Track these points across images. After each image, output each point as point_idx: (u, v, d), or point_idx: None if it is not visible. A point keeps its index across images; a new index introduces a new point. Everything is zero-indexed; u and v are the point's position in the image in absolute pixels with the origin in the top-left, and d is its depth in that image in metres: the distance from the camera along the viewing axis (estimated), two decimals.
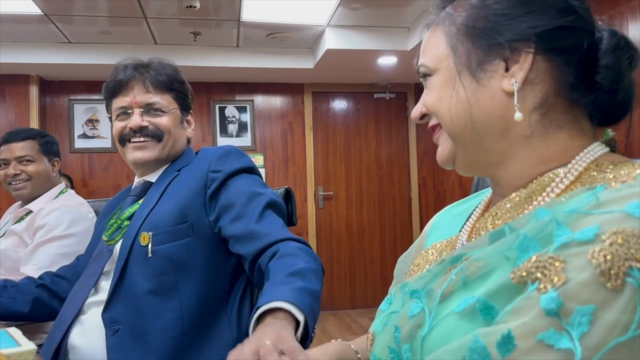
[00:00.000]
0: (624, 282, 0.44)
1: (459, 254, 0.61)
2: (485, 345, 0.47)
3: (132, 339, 1.08)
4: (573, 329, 0.44)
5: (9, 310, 1.25)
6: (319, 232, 5.05)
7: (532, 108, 0.61)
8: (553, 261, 0.48)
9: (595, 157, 0.61)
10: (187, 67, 4.37)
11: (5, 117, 4.43)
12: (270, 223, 1.11)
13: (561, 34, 0.59)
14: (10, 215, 1.98)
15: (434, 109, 0.67)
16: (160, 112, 1.26)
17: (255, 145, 4.96)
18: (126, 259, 1.14)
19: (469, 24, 0.63)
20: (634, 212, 0.47)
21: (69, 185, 4.26)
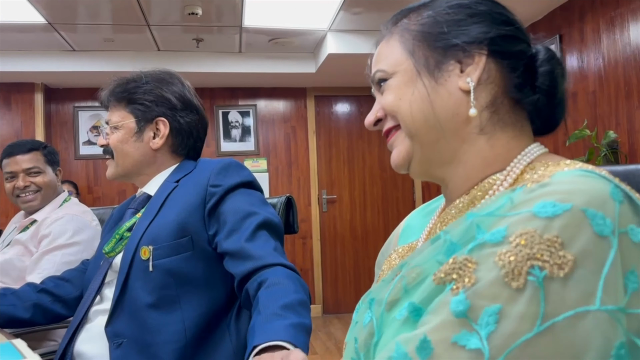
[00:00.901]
0: (526, 280, 0.47)
1: (404, 262, 0.64)
2: (407, 352, 0.50)
3: (136, 352, 1.10)
4: (481, 328, 0.47)
5: (10, 317, 1.27)
6: (323, 235, 5.06)
7: (484, 106, 0.65)
8: (467, 262, 0.51)
9: (532, 159, 0.64)
10: (190, 73, 4.41)
11: (11, 124, 4.47)
12: (262, 244, 1.10)
13: (508, 41, 0.66)
14: (14, 225, 2.00)
15: (394, 107, 0.69)
16: (113, 128, 1.28)
17: (258, 150, 4.98)
18: (127, 273, 1.14)
19: (424, 30, 0.68)
20: (539, 212, 0.49)
21: (74, 192, 4.32)
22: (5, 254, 1.83)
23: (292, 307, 0.93)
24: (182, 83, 1.34)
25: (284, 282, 1.00)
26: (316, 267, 4.99)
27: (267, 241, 1.12)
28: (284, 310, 0.91)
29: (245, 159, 4.94)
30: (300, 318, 0.90)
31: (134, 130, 1.28)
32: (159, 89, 1.29)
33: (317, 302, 4.97)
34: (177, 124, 1.30)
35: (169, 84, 1.31)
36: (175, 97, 1.29)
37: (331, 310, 4.97)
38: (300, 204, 5.02)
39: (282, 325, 0.87)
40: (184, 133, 1.31)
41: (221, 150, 4.92)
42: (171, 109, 1.29)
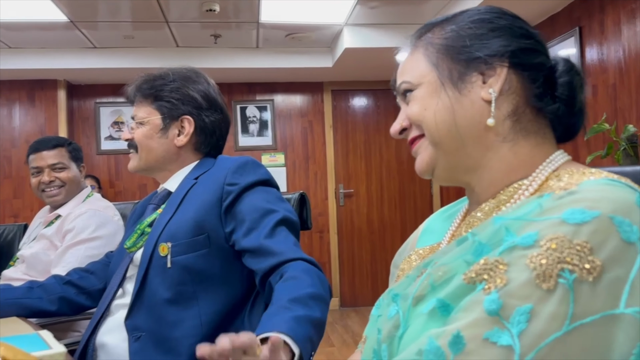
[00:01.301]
0: (556, 282, 0.50)
1: (430, 260, 0.67)
2: (439, 345, 0.52)
3: (154, 346, 1.13)
4: (513, 326, 0.50)
5: (37, 309, 1.32)
6: (340, 229, 5.09)
7: (506, 115, 0.68)
8: (498, 264, 0.54)
9: (556, 167, 0.67)
10: (208, 69, 4.43)
11: (35, 120, 4.58)
12: (282, 240, 1.12)
13: (529, 54, 0.69)
14: (39, 220, 2.06)
15: (419, 117, 0.72)
16: (139, 124, 1.31)
17: (276, 144, 5.02)
18: (146, 269, 1.18)
19: (448, 44, 0.71)
20: (569, 218, 0.52)
21: (96, 186, 4.42)
22: (32, 248, 1.90)
23: (301, 300, 0.93)
24: (207, 82, 1.36)
25: (301, 276, 1.02)
26: (333, 260, 5.02)
27: (287, 237, 1.13)
28: (291, 303, 0.92)
29: (262, 154, 4.99)
30: (308, 311, 0.90)
31: (159, 127, 1.30)
32: (185, 87, 1.31)
33: (335, 295, 5.01)
34: (202, 123, 1.32)
35: (195, 83, 1.33)
36: (201, 96, 1.32)
37: (348, 303, 5.01)
38: (317, 198, 5.06)
39: (284, 318, 0.87)
40: (208, 132, 1.34)
41: (239, 145, 4.97)
42: (197, 107, 1.31)
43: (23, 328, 1.10)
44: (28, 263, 1.86)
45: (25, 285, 1.34)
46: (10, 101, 4.55)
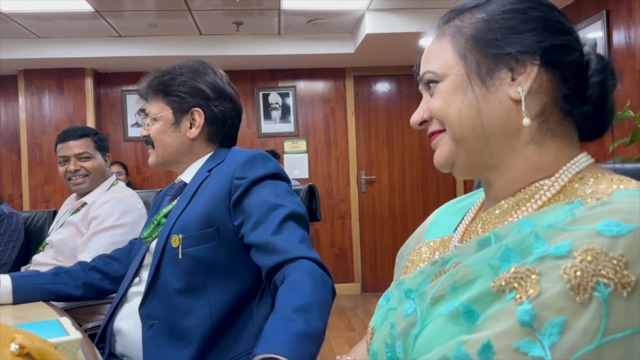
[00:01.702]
0: (591, 296, 0.49)
1: (449, 258, 0.66)
2: (468, 353, 0.52)
3: (166, 334, 1.17)
4: (545, 338, 0.49)
5: (63, 294, 1.39)
6: (362, 215, 5.11)
7: (533, 116, 0.66)
8: (530, 273, 0.53)
9: (580, 169, 0.66)
10: (230, 56, 4.50)
11: (64, 108, 4.71)
12: (288, 237, 1.12)
13: (562, 51, 0.65)
14: (67, 207, 2.15)
15: (442, 113, 0.69)
16: (153, 120, 1.35)
17: (298, 131, 5.05)
18: (159, 259, 1.22)
19: (477, 34, 0.68)
20: (604, 230, 0.51)
21: (123, 173, 4.53)
22: (59, 234, 1.98)
23: (304, 309, 0.94)
24: (214, 72, 1.37)
25: (303, 279, 1.02)
26: (355, 246, 5.06)
27: (294, 233, 1.14)
28: (294, 314, 0.93)
29: (285, 140, 5.03)
30: (308, 325, 0.92)
31: (171, 121, 1.33)
32: (192, 80, 1.33)
33: (356, 280, 5.05)
34: (212, 114, 1.34)
35: (202, 74, 1.35)
36: (209, 88, 1.33)
37: (370, 289, 5.05)
38: (339, 184, 5.08)
39: (286, 337, 0.88)
40: (219, 122, 1.35)
41: (262, 131, 5.02)
42: (205, 99, 1.33)
43: (48, 312, 1.16)
44: (56, 248, 1.94)
45: (51, 272, 1.41)
46: (40, 90, 4.68)
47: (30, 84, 4.66)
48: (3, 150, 4.88)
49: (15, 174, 4.85)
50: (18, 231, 2.44)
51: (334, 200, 5.08)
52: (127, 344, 1.23)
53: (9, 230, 2.41)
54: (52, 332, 0.73)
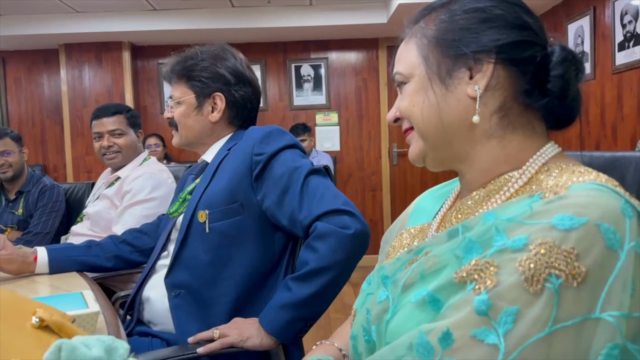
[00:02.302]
0: (543, 287, 0.52)
1: (422, 247, 0.70)
2: (429, 340, 0.56)
3: (192, 302, 1.26)
4: (500, 326, 0.53)
5: (95, 266, 1.50)
6: (393, 188, 5.11)
7: (492, 112, 0.68)
8: (489, 265, 0.56)
9: (547, 160, 0.68)
10: (262, 28, 4.52)
11: (103, 81, 4.85)
12: (310, 196, 1.22)
13: (518, 47, 0.67)
14: (102, 180, 2.26)
15: (408, 113, 0.73)
16: (177, 103, 1.41)
17: (329, 103, 5.05)
18: (186, 233, 1.30)
19: (438, 36, 0.71)
20: (558, 224, 0.54)
21: (160, 144, 4.66)
22: (95, 206, 2.09)
23: (299, 278, 1.17)
24: (235, 57, 1.42)
25: (315, 245, 1.17)
26: (386, 218, 5.09)
27: (317, 187, 1.23)
28: (291, 282, 1.18)
29: (316, 113, 5.04)
30: (292, 294, 1.16)
31: (194, 105, 1.39)
32: (214, 65, 1.38)
33: None
34: (233, 98, 1.40)
35: (223, 60, 1.40)
36: (230, 73, 1.39)
37: None
38: (370, 157, 5.08)
39: (270, 308, 1.18)
40: (239, 105, 1.41)
41: (294, 104, 5.04)
42: (226, 84, 1.39)
43: (80, 283, 1.26)
44: (92, 220, 2.06)
45: (84, 244, 1.52)
46: (80, 63, 4.83)
47: (70, 58, 4.81)
48: (47, 122, 5.09)
49: (58, 145, 5.07)
50: (59, 202, 2.59)
51: (365, 172, 5.10)
52: (153, 312, 1.33)
53: (51, 201, 2.56)
54: (74, 305, 0.80)
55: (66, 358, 0.53)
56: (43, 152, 5.09)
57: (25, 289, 1.21)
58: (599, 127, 3.51)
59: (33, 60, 5.03)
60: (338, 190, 1.26)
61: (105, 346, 0.58)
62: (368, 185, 5.10)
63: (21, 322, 0.59)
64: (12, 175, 2.59)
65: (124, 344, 0.60)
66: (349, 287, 4.25)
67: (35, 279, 1.31)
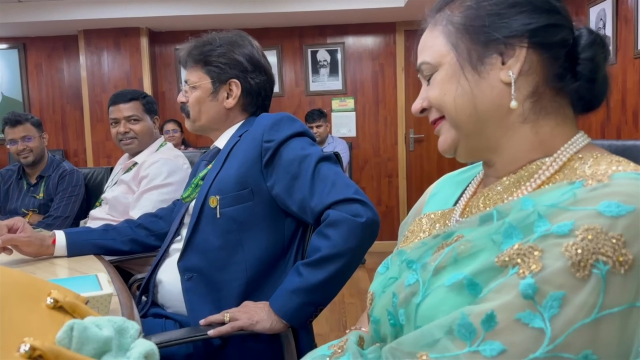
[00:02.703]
0: (590, 272, 0.53)
1: (451, 231, 0.70)
2: (472, 322, 0.56)
3: (204, 285, 1.29)
4: (545, 311, 0.53)
5: (112, 249, 1.53)
6: (409, 174, 5.10)
7: (525, 96, 0.68)
8: (532, 250, 0.56)
9: (578, 149, 0.68)
10: (278, 13, 4.50)
11: (121, 67, 4.90)
12: (322, 183, 1.22)
13: (549, 31, 0.67)
14: (120, 166, 2.30)
15: (439, 102, 0.72)
16: (192, 88, 1.41)
17: (346, 89, 5.03)
18: (198, 217, 1.32)
19: (466, 22, 0.70)
20: (605, 211, 0.54)
21: (178, 130, 4.70)
22: (113, 191, 2.13)
23: (311, 264, 1.18)
24: (252, 45, 1.43)
25: (327, 232, 1.18)
26: (402, 205, 5.08)
27: (327, 175, 1.23)
28: (303, 268, 1.19)
29: (332, 99, 5.03)
30: (303, 280, 1.18)
31: (210, 91, 1.40)
32: (231, 52, 1.39)
33: None
34: (248, 85, 1.40)
35: (241, 47, 1.40)
36: (247, 60, 1.40)
37: None
38: (386, 143, 5.07)
39: (282, 292, 1.20)
40: (254, 93, 1.43)
41: (310, 90, 5.03)
42: (243, 71, 1.39)
43: (96, 265, 1.29)
44: (110, 205, 2.10)
45: (101, 228, 1.56)
46: (99, 49, 4.88)
47: (90, 44, 4.87)
48: (67, 108, 5.17)
49: (79, 130, 5.15)
50: (79, 187, 2.64)
51: (381, 158, 5.09)
52: (166, 295, 1.36)
53: (71, 185, 2.62)
54: (88, 287, 0.83)
55: (78, 337, 0.55)
56: (63, 137, 5.18)
57: (43, 271, 1.25)
58: (620, 113, 3.44)
59: (53, 46, 5.11)
60: (349, 179, 1.26)
61: (116, 327, 0.60)
62: (384, 172, 5.09)
63: (37, 303, 0.62)
64: (32, 160, 2.65)
65: (135, 325, 0.62)
66: (363, 272, 4.28)
67: (54, 262, 1.35)
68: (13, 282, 0.61)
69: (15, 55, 5.10)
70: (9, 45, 5.09)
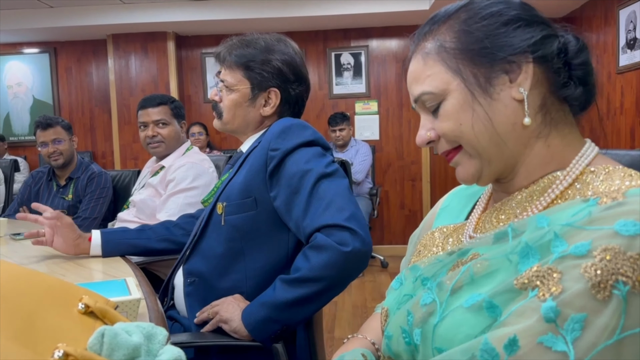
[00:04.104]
0: (611, 294, 0.52)
1: (467, 249, 0.69)
2: (494, 347, 0.56)
3: (204, 292, 1.28)
4: (567, 333, 0.52)
5: (146, 248, 1.55)
6: (433, 177, 5.06)
7: (537, 110, 0.69)
8: (551, 272, 0.56)
9: (589, 161, 0.69)
10: (303, 17, 4.52)
11: (149, 71, 4.99)
12: (317, 203, 1.17)
13: (546, 42, 0.68)
14: (148, 169, 2.33)
15: (457, 133, 0.70)
16: (228, 89, 1.36)
17: (369, 92, 5.02)
18: (206, 223, 1.31)
19: (463, 47, 0.69)
20: (622, 230, 0.53)
21: (204, 133, 4.76)
22: (141, 194, 2.17)
23: (288, 281, 1.16)
24: (294, 51, 1.38)
25: (309, 255, 1.15)
26: (425, 208, 5.04)
27: (322, 198, 1.17)
28: (279, 283, 1.18)
29: (356, 101, 5.03)
30: (275, 295, 1.16)
31: (248, 96, 1.35)
32: (276, 60, 1.33)
33: None
34: (287, 95, 1.36)
35: (284, 54, 1.35)
36: (289, 69, 1.35)
37: None
38: (410, 146, 5.04)
39: (255, 302, 1.19)
40: (292, 102, 1.38)
41: (333, 93, 5.04)
42: (285, 81, 1.35)
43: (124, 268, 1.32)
44: (138, 208, 2.14)
45: (137, 228, 1.59)
46: (127, 53, 4.98)
47: (118, 48, 4.97)
48: (96, 111, 5.28)
49: (107, 133, 5.26)
50: (107, 189, 2.69)
51: (405, 162, 5.06)
52: (178, 298, 1.36)
53: (99, 187, 2.67)
54: (117, 291, 0.85)
55: (109, 343, 0.56)
56: (92, 139, 5.30)
57: (72, 273, 1.27)
58: None
59: (83, 50, 5.22)
60: (348, 199, 1.19)
61: (145, 333, 0.62)
62: (407, 175, 5.06)
63: (69, 308, 0.63)
64: (62, 162, 2.71)
65: (163, 331, 0.63)
66: (386, 276, 4.26)
67: (82, 264, 1.38)
68: (47, 287, 0.63)
69: (46, 59, 5.23)
70: (40, 50, 5.23)
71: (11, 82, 5.27)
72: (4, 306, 0.55)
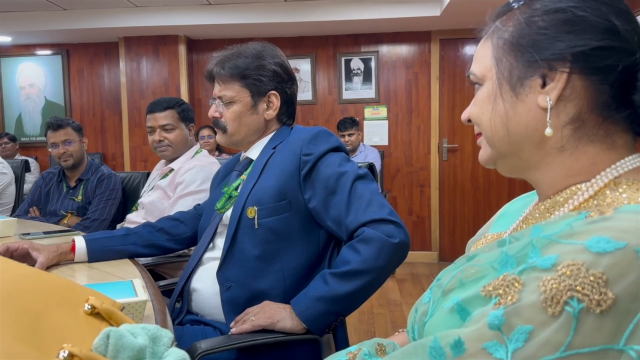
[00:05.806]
0: (562, 309, 0.50)
1: (474, 255, 0.68)
2: (442, 346, 0.56)
3: (242, 295, 1.31)
4: (511, 343, 0.52)
5: (132, 253, 1.52)
6: (442, 184, 5.03)
7: (565, 123, 0.64)
8: (515, 282, 0.55)
9: (621, 173, 0.63)
10: (313, 22, 4.54)
11: (160, 74, 5.02)
12: (358, 201, 1.25)
13: (598, 55, 0.61)
14: (157, 172, 2.35)
15: (477, 120, 0.72)
16: (229, 103, 1.39)
17: (379, 97, 5.01)
18: (236, 228, 1.33)
19: (513, 39, 0.66)
20: (592, 246, 0.51)
21: (213, 136, 4.78)
22: (150, 196, 2.18)
23: (339, 275, 1.21)
24: (281, 54, 1.45)
25: (358, 247, 1.21)
26: (434, 214, 5.02)
27: (362, 195, 1.26)
28: (330, 277, 1.22)
29: (365, 107, 5.02)
30: (330, 289, 1.20)
31: (249, 104, 1.40)
32: (269, 64, 1.39)
33: (434, 249, 5.04)
34: (286, 95, 1.43)
35: (274, 57, 1.41)
36: (282, 70, 1.41)
37: (447, 257, 5.01)
38: (419, 152, 5.02)
39: (306, 297, 1.22)
40: (290, 102, 1.46)
41: (342, 98, 5.04)
42: (280, 81, 1.41)
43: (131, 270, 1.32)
44: (146, 209, 2.15)
45: (121, 233, 1.54)
46: (139, 56, 5.02)
47: (129, 51, 5.01)
48: (107, 113, 5.33)
49: (117, 135, 5.30)
50: (116, 190, 2.71)
51: (414, 168, 5.05)
52: (201, 303, 1.38)
53: (108, 189, 2.69)
54: (124, 293, 0.85)
55: (114, 345, 0.56)
56: (102, 141, 5.34)
57: (79, 273, 1.28)
58: None
59: (95, 52, 5.27)
60: (383, 198, 1.29)
61: (150, 335, 0.62)
62: (416, 181, 5.05)
63: (75, 308, 0.63)
64: (72, 163, 2.73)
65: (168, 333, 0.63)
66: (393, 282, 4.24)
67: (91, 265, 1.39)
68: (54, 287, 0.63)
69: (58, 61, 5.29)
70: (53, 52, 5.28)
71: (24, 83, 5.33)
72: (11, 305, 0.55)
